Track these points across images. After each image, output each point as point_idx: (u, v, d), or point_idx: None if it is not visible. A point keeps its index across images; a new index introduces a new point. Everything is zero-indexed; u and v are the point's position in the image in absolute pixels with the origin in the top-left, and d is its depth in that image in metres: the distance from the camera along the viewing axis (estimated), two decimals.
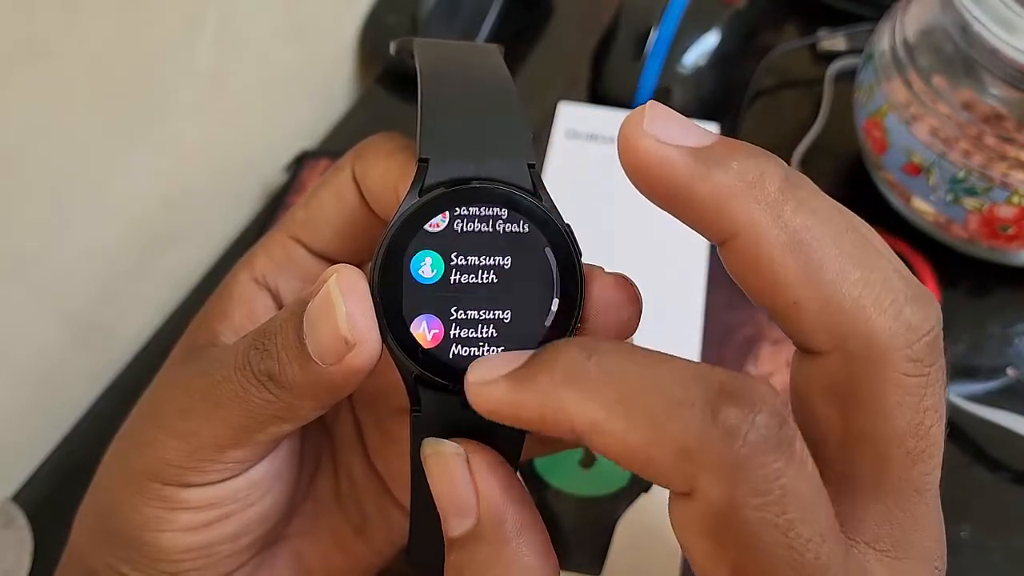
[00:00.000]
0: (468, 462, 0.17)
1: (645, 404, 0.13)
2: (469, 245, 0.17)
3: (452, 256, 0.17)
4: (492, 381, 0.15)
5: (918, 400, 0.15)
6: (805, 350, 0.16)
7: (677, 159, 0.15)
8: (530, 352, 0.15)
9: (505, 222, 0.17)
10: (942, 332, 0.15)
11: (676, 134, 0.15)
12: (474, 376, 0.15)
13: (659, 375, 0.14)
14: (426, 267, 0.17)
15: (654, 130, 0.15)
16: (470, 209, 0.17)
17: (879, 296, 0.15)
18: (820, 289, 0.15)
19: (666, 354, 0.14)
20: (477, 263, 0.17)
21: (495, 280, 0.17)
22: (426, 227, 0.17)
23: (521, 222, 0.17)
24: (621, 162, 0.16)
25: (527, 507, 0.16)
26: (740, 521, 0.13)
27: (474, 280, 0.17)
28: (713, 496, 0.13)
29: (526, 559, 0.16)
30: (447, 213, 0.17)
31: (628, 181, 0.16)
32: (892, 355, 0.15)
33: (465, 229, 0.17)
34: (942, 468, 0.16)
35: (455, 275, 0.17)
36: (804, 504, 0.13)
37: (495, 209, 0.17)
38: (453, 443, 0.17)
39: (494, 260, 0.17)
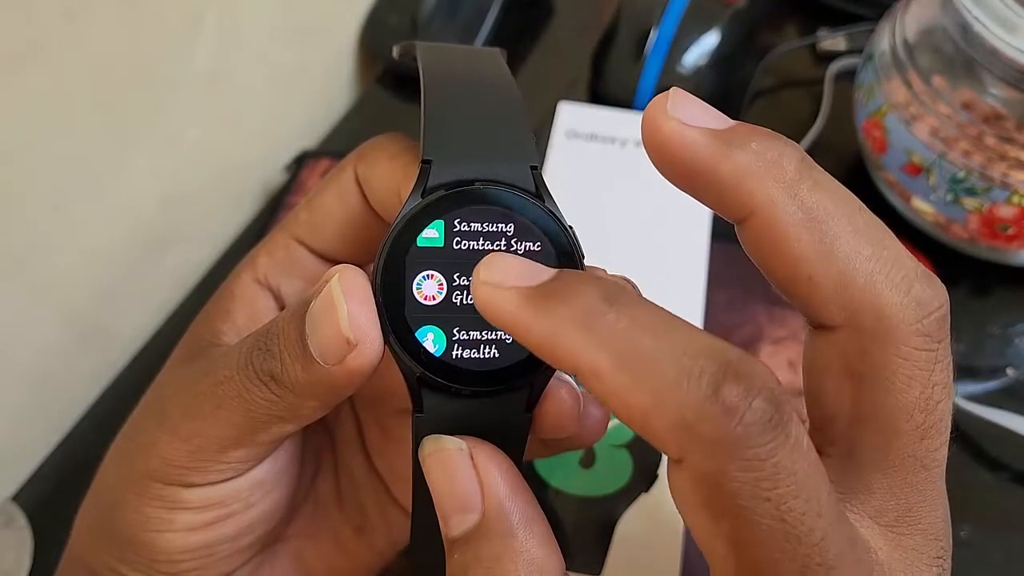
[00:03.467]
0: (471, 457, 0.16)
1: (654, 367, 0.13)
2: (471, 247, 0.17)
3: (454, 258, 0.17)
4: (504, 289, 0.15)
5: (927, 375, 0.15)
6: (818, 326, 0.16)
7: (700, 139, 0.15)
8: (550, 270, 0.15)
9: (507, 224, 0.17)
10: (949, 310, 0.16)
11: (699, 117, 0.16)
12: (486, 275, 0.15)
13: (673, 340, 0.14)
14: (429, 269, 0.17)
15: (678, 113, 0.15)
16: (472, 211, 0.17)
17: (891, 272, 0.15)
18: (834, 264, 0.15)
19: (682, 319, 0.14)
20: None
21: None
22: (429, 228, 0.17)
23: (523, 224, 0.17)
24: (645, 144, 0.16)
25: (530, 500, 0.17)
26: (730, 492, 0.13)
27: None
28: (702, 469, 0.13)
29: (533, 551, 0.16)
30: (449, 215, 0.17)
31: (627, 181, 0.16)
32: (902, 329, 0.15)
33: (467, 231, 0.17)
34: None
35: (457, 276, 0.17)
36: (797, 481, 0.13)
37: (497, 211, 0.17)
38: (455, 438, 0.17)
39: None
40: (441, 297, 0.17)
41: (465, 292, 0.17)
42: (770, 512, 0.13)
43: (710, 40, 0.43)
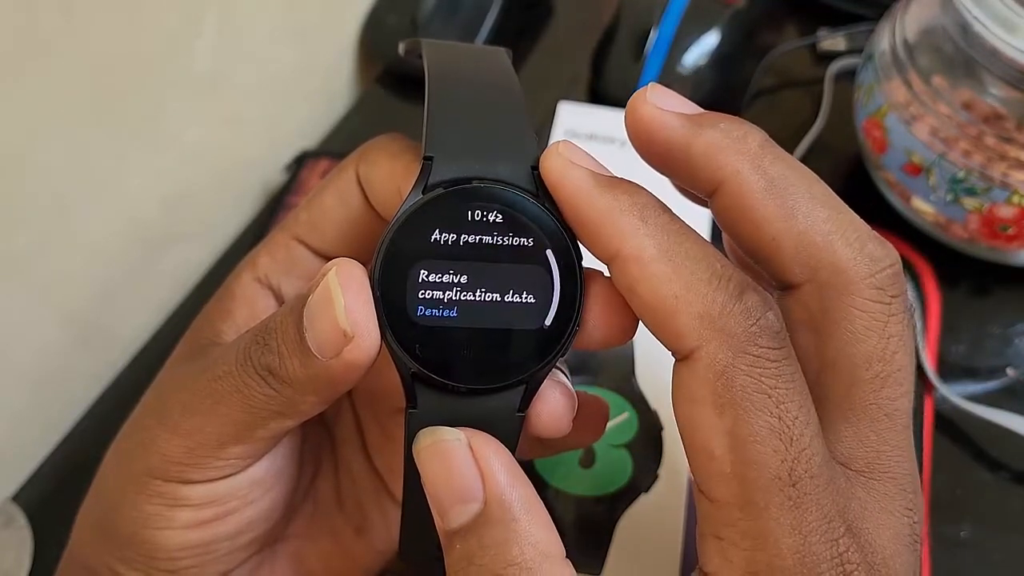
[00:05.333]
0: (470, 447, 0.17)
1: (692, 263, 0.16)
2: (469, 245, 0.17)
3: (453, 255, 0.17)
4: (576, 162, 0.17)
5: (883, 325, 0.17)
6: (784, 286, 0.18)
7: (674, 121, 0.17)
8: (609, 173, 0.17)
9: (506, 222, 0.17)
10: (902, 269, 0.17)
11: (674, 104, 0.18)
12: (565, 150, 0.17)
13: (709, 251, 0.16)
14: (426, 265, 0.17)
15: (655, 101, 0.18)
16: (472, 208, 0.17)
17: (846, 232, 0.17)
18: (795, 225, 0.17)
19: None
20: (478, 263, 0.17)
21: (496, 280, 0.17)
22: (428, 225, 0.17)
23: (522, 223, 0.17)
24: (627, 127, 0.18)
25: (529, 487, 0.17)
26: (737, 384, 0.15)
27: (475, 280, 0.17)
28: (717, 358, 0.15)
29: (537, 535, 0.16)
30: (449, 212, 0.17)
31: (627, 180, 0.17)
32: (857, 283, 0.17)
33: (466, 229, 0.17)
34: (941, 468, 0.16)
35: (456, 274, 0.17)
36: (795, 386, 0.15)
37: (497, 209, 0.17)
38: (453, 429, 0.17)
39: (495, 260, 0.17)
40: (438, 293, 0.17)
41: (462, 289, 0.17)
42: (769, 407, 0.15)
43: (710, 40, 0.43)
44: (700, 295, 0.15)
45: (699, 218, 0.36)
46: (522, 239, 0.17)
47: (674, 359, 0.16)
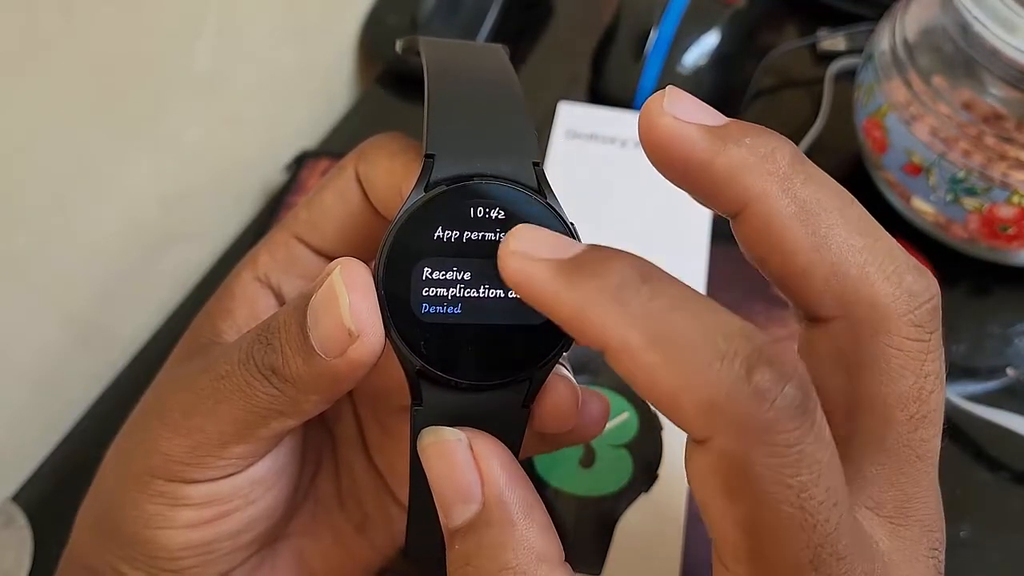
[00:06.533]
0: (471, 448, 0.17)
1: (686, 347, 0.13)
2: (472, 242, 0.17)
3: (455, 252, 0.17)
4: (536, 259, 0.14)
5: (920, 364, 0.16)
6: (812, 319, 0.16)
7: (695, 135, 0.16)
8: (580, 244, 0.15)
9: (509, 219, 0.17)
10: (940, 302, 0.16)
11: (694, 114, 0.16)
12: (516, 244, 0.15)
13: (706, 321, 0.14)
14: (430, 263, 0.17)
15: (673, 110, 0.16)
16: (474, 206, 0.17)
17: (883, 264, 0.16)
18: (828, 255, 0.15)
19: (713, 301, 0.14)
20: (480, 260, 0.17)
21: (499, 277, 0.17)
22: (431, 222, 0.17)
23: (525, 219, 0.17)
24: (641, 140, 0.16)
25: (529, 489, 0.17)
26: (753, 476, 0.13)
27: (477, 277, 0.17)
28: (729, 450, 0.13)
29: (533, 540, 0.16)
30: (451, 209, 0.17)
31: (627, 182, 0.16)
32: (895, 320, 0.15)
33: (468, 226, 0.17)
34: (942, 468, 0.16)
35: (459, 271, 0.17)
36: (820, 470, 0.13)
37: (499, 206, 0.17)
38: (454, 429, 0.17)
39: (497, 257, 0.17)
40: (442, 290, 0.17)
41: (465, 286, 0.17)
42: (790, 499, 0.13)
43: (710, 40, 0.43)
44: (702, 382, 0.13)
45: (699, 218, 0.36)
46: None
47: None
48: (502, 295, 0.17)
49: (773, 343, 0.14)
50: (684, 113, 0.16)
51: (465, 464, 0.16)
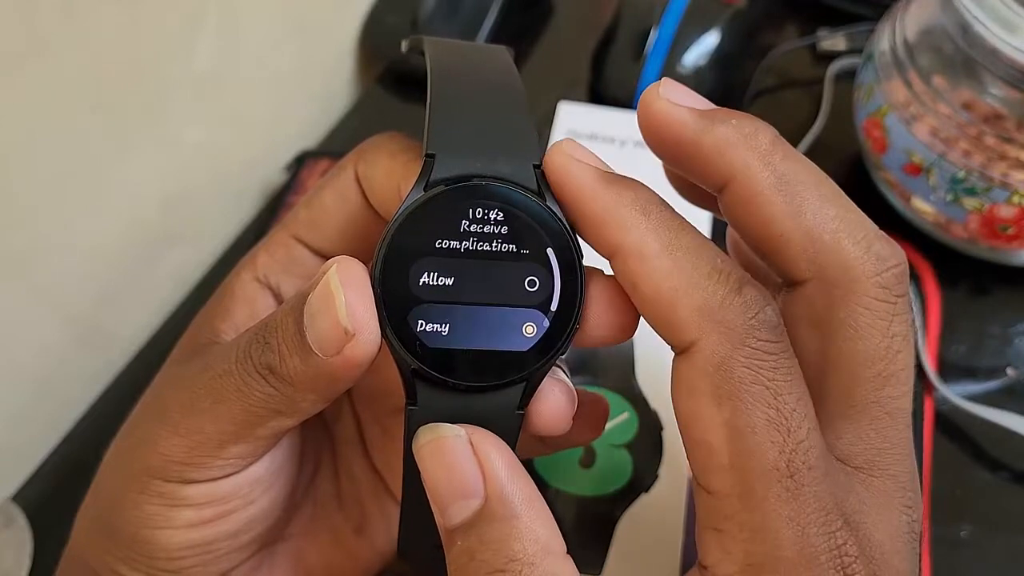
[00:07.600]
0: (471, 443, 0.17)
1: (693, 258, 0.16)
2: (471, 242, 0.17)
3: (454, 252, 0.17)
4: (580, 159, 0.17)
5: (887, 325, 0.17)
6: (790, 282, 0.18)
7: (687, 116, 0.18)
8: (611, 170, 0.17)
9: (508, 220, 0.17)
10: (908, 269, 0.17)
11: (686, 99, 0.18)
12: (569, 147, 0.17)
13: (707, 246, 0.16)
14: (428, 263, 0.17)
15: (668, 95, 0.18)
16: (473, 206, 0.17)
17: (853, 231, 0.17)
18: (803, 222, 0.17)
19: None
20: (479, 260, 0.17)
21: (496, 278, 0.17)
22: (429, 222, 0.17)
23: (524, 221, 0.17)
24: (639, 121, 0.18)
25: (530, 482, 0.17)
26: (735, 377, 0.15)
27: (475, 277, 0.17)
28: (715, 350, 0.15)
29: (538, 531, 0.16)
30: (450, 209, 0.17)
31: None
32: (863, 281, 0.17)
33: (467, 226, 0.17)
34: (942, 468, 0.16)
35: (456, 271, 0.17)
36: (793, 378, 0.15)
37: (498, 207, 0.17)
38: (453, 426, 0.17)
39: (496, 258, 0.17)
40: (439, 290, 0.17)
41: (463, 286, 0.17)
42: (767, 399, 0.15)
43: (710, 40, 0.43)
44: (700, 288, 0.16)
45: (699, 221, 0.36)
46: (523, 237, 0.17)
47: (673, 353, 0.16)
48: (499, 296, 0.17)
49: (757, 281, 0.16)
50: (677, 98, 0.18)
51: (466, 460, 0.16)
